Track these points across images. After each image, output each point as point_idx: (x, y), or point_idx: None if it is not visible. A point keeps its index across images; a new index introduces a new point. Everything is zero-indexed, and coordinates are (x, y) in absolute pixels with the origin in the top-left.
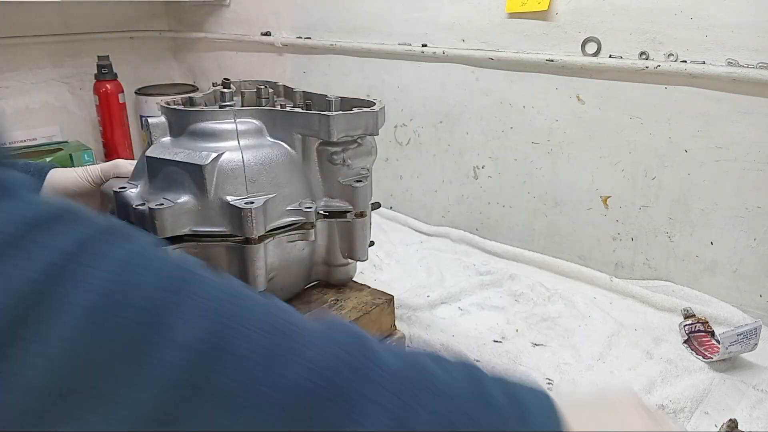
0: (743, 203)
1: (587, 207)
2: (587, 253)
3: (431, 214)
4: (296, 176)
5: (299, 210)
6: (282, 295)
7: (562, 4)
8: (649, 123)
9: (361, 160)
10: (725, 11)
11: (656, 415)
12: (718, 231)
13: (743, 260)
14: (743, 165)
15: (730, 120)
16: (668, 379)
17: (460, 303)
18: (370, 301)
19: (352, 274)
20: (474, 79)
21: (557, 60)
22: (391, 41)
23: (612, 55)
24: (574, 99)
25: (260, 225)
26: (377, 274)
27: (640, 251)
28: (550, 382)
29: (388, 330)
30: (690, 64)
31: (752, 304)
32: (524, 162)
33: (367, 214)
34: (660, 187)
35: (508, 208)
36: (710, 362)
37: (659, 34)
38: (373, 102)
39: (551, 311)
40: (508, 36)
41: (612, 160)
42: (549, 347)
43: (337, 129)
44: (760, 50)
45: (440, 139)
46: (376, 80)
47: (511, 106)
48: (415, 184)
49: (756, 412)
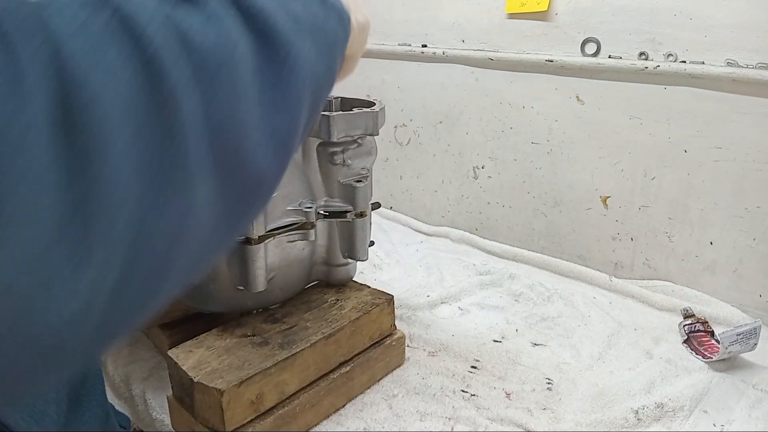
0: (743, 203)
1: (587, 207)
2: (587, 252)
3: (431, 214)
4: (296, 176)
5: (299, 210)
6: (282, 294)
7: (562, 5)
8: (648, 123)
9: (361, 160)
10: (724, 12)
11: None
12: (718, 231)
13: (743, 260)
14: (743, 165)
15: (730, 120)
16: (668, 379)
17: (460, 303)
18: (370, 301)
19: (352, 274)
20: (474, 79)
21: (557, 60)
22: (391, 41)
23: (611, 56)
24: (574, 99)
25: (260, 225)
26: (377, 274)
27: (639, 251)
28: (549, 381)
29: (388, 330)
30: (689, 65)
31: (752, 304)
32: (524, 162)
33: (367, 214)
34: (659, 187)
35: (508, 208)
36: (710, 362)
37: (659, 35)
38: (373, 102)
39: (551, 311)
40: (508, 36)
41: (611, 160)
42: (549, 347)
43: (337, 129)
44: (759, 50)
45: (440, 139)
46: (376, 80)
47: (511, 106)
48: (415, 184)
49: (755, 412)
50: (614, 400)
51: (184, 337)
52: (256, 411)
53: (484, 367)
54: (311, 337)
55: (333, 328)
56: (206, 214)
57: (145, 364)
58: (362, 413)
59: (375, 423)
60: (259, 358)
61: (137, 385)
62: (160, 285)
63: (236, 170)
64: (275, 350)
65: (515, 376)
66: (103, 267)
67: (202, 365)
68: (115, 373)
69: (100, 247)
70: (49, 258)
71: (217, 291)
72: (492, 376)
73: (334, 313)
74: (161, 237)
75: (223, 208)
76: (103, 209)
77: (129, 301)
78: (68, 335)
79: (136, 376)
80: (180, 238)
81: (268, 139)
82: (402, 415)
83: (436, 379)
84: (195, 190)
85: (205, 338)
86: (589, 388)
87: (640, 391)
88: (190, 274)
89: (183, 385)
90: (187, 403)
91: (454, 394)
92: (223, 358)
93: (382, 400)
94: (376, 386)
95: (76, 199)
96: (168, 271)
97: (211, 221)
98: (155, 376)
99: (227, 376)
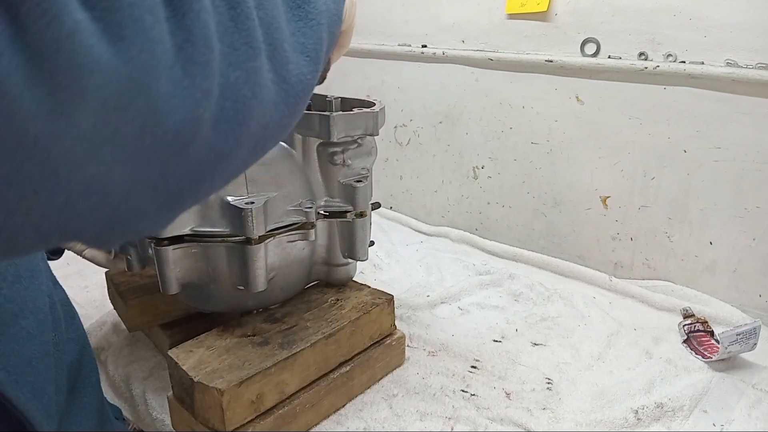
0: (742, 203)
1: (586, 207)
2: (586, 252)
3: (431, 214)
4: (296, 176)
5: (299, 210)
6: (282, 294)
7: (562, 5)
8: (648, 123)
9: (361, 161)
10: (724, 12)
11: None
12: (718, 231)
13: (742, 260)
14: (742, 165)
15: (729, 120)
16: (668, 379)
17: (460, 303)
18: (370, 301)
19: (352, 274)
20: (474, 79)
21: (556, 60)
22: (391, 42)
23: (611, 56)
24: (574, 99)
25: (260, 225)
26: (377, 274)
27: (639, 251)
28: (549, 381)
29: (388, 330)
30: (689, 65)
31: (751, 304)
32: (524, 162)
33: (367, 214)
34: (659, 187)
35: (508, 208)
36: (709, 362)
37: (658, 35)
38: (373, 102)
39: (551, 311)
40: (508, 37)
41: (611, 160)
42: (548, 347)
43: (337, 129)
44: (759, 51)
45: (440, 139)
46: (376, 81)
47: (511, 106)
48: (415, 184)
49: (755, 412)
50: (614, 400)
51: (185, 337)
52: (256, 411)
53: (484, 367)
54: (311, 337)
55: (333, 328)
56: (267, 93)
57: (145, 364)
58: (362, 413)
59: (375, 423)
60: (259, 358)
61: (137, 385)
62: (241, 137)
63: (283, 66)
64: (275, 350)
65: (515, 376)
66: (205, 93)
67: (202, 365)
68: (115, 373)
69: (200, 76)
70: (172, 72)
71: (218, 291)
72: (492, 375)
73: (334, 313)
74: (241, 89)
75: (277, 96)
76: (198, 52)
77: (221, 137)
78: (178, 148)
79: (136, 376)
80: (253, 98)
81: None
82: (402, 414)
83: (436, 379)
84: (260, 63)
85: (205, 338)
86: (589, 388)
87: (639, 390)
88: (256, 149)
89: (183, 384)
90: (188, 403)
91: (454, 394)
92: (223, 357)
93: (382, 400)
94: (376, 386)
95: (179, 40)
96: (247, 126)
97: (271, 103)
98: (155, 376)
99: (227, 376)
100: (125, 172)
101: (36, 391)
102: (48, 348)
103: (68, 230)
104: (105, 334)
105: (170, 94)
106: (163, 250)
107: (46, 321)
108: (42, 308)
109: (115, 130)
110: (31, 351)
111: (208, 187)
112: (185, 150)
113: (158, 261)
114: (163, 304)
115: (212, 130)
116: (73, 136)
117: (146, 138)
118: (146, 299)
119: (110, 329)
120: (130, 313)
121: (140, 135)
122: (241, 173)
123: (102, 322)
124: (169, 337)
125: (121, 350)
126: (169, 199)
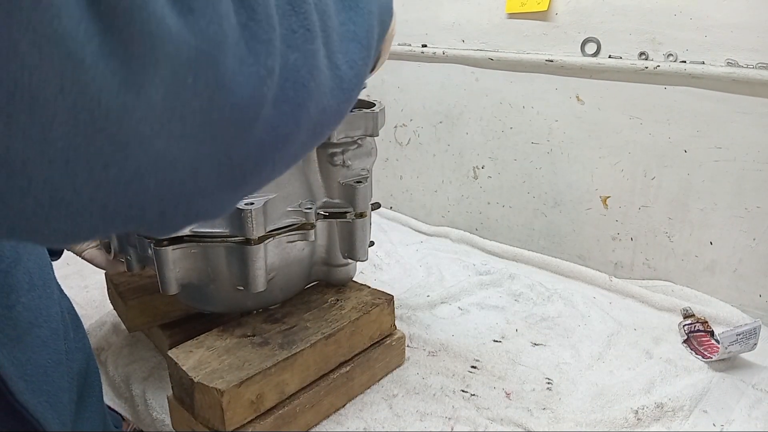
0: (742, 203)
1: (587, 207)
2: (587, 252)
3: (431, 214)
4: (296, 177)
5: (299, 210)
6: (282, 295)
7: (562, 5)
8: (648, 123)
9: (361, 161)
10: (725, 12)
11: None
12: (718, 231)
13: (743, 260)
14: (742, 165)
15: (730, 120)
16: (668, 379)
17: (460, 303)
18: (370, 301)
19: (352, 274)
20: (474, 79)
21: (557, 60)
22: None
23: (611, 56)
24: (574, 99)
25: (260, 225)
26: (377, 274)
27: (639, 251)
28: (549, 381)
29: (388, 330)
30: (689, 65)
31: (751, 304)
32: (524, 162)
33: (367, 215)
34: (659, 187)
35: (508, 208)
36: (709, 362)
37: (659, 35)
38: (373, 103)
39: (551, 311)
40: (508, 36)
41: (611, 160)
42: (548, 347)
43: (337, 130)
44: (759, 50)
45: (440, 139)
46: (376, 80)
47: (511, 106)
48: (415, 184)
49: (755, 412)
50: (614, 400)
51: (185, 337)
52: (256, 411)
53: (484, 367)
54: (311, 337)
55: (333, 328)
56: (324, 78)
57: (145, 364)
58: (362, 413)
59: (375, 423)
60: (259, 358)
61: (137, 385)
62: (300, 119)
63: (336, 52)
64: (275, 350)
65: (515, 376)
66: (269, 71)
67: (202, 365)
68: (115, 373)
69: (264, 54)
70: (237, 48)
71: (217, 291)
72: (492, 376)
73: (334, 313)
74: (300, 71)
75: (333, 81)
76: (262, 29)
77: (282, 118)
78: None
79: (136, 376)
80: (311, 80)
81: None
82: (402, 415)
83: (436, 379)
84: (317, 47)
85: (205, 338)
86: (589, 388)
87: (639, 390)
88: (315, 133)
89: (183, 385)
90: (187, 403)
91: (454, 394)
92: (223, 358)
93: (382, 400)
94: (376, 386)
95: (243, 18)
96: (306, 109)
97: (327, 87)
98: (155, 376)
99: (227, 376)
100: (192, 148)
101: (51, 400)
102: (60, 357)
103: (133, 210)
104: (105, 335)
105: (236, 70)
106: (162, 250)
107: (59, 330)
108: (55, 317)
109: (184, 103)
110: (45, 360)
111: (270, 170)
112: (249, 128)
113: (158, 261)
114: (163, 305)
115: (274, 110)
116: (143, 108)
117: (213, 113)
118: (146, 299)
119: (110, 329)
120: (129, 313)
121: (207, 109)
122: (299, 159)
123: (102, 323)
124: (169, 338)
125: (121, 350)
126: (234, 179)
